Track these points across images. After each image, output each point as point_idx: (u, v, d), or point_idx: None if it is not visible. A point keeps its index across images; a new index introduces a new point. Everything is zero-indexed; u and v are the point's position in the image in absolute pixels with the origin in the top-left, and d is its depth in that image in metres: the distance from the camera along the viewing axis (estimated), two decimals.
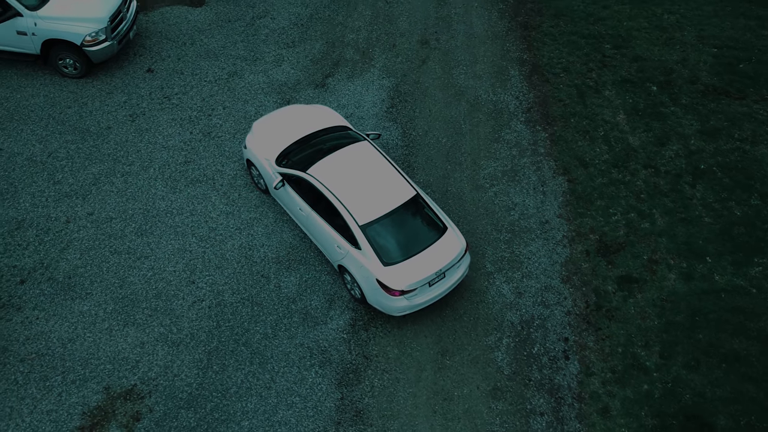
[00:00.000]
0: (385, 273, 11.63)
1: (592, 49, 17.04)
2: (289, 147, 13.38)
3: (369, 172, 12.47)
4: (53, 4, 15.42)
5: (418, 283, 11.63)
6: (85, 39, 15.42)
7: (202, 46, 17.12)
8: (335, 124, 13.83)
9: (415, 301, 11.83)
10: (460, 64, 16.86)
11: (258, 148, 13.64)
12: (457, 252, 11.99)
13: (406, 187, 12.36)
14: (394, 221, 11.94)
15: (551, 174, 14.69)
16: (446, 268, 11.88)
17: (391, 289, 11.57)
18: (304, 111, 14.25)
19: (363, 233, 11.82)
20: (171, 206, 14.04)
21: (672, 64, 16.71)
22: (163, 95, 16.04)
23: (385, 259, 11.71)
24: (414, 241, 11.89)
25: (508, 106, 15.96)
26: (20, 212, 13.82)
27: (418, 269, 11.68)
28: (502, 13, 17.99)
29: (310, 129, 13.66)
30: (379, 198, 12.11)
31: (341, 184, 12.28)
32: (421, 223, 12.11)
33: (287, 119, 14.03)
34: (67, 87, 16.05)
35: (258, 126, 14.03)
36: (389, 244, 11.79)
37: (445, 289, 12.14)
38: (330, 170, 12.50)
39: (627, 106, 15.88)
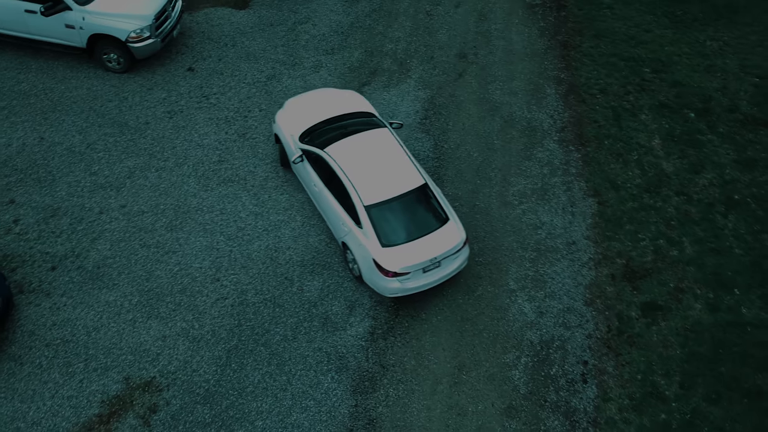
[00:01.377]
0: (382, 254, 12.02)
1: (631, 72, 16.92)
2: (314, 126, 13.81)
3: (383, 157, 12.83)
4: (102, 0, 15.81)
5: (412, 267, 11.97)
6: (130, 35, 15.78)
7: (243, 48, 17.39)
8: (361, 110, 14.17)
9: (408, 284, 12.17)
10: (496, 79, 16.87)
11: (286, 123, 14.15)
12: (455, 243, 12.24)
13: (415, 175, 12.67)
14: (398, 206, 12.32)
15: (581, 195, 14.60)
16: (442, 257, 12.16)
17: (385, 269, 11.96)
18: (334, 94, 14.71)
19: (367, 213, 12.22)
20: (202, 204, 14.26)
21: (711, 92, 16.51)
22: (202, 94, 16.32)
23: (384, 241, 12.10)
24: (414, 228, 12.24)
25: (542, 125, 15.91)
26: (56, 200, 14.16)
27: (413, 254, 12.02)
28: (543, 31, 17.96)
29: (336, 112, 14.06)
30: (387, 182, 12.48)
31: (354, 166, 12.68)
32: (424, 212, 12.43)
33: (318, 100, 14.49)
34: (110, 81, 16.42)
35: (290, 103, 14.56)
36: (390, 226, 12.18)
37: (440, 278, 12.40)
38: (346, 151, 12.89)
39: (663, 131, 15.73)
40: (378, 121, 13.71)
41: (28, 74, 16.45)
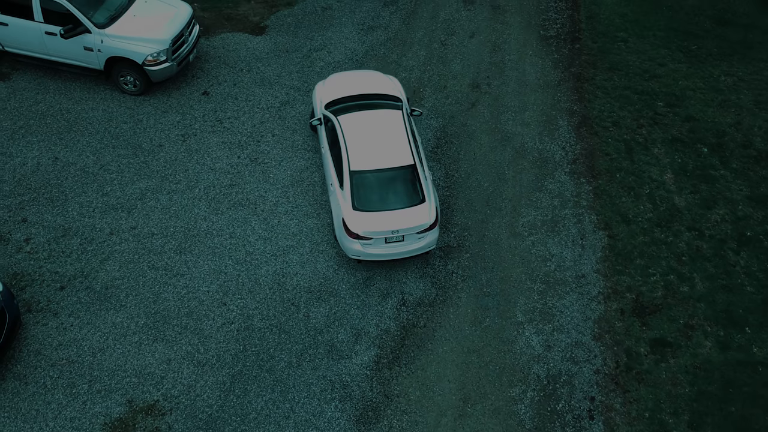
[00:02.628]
0: (351, 215, 12.97)
1: (644, 106, 16.90)
2: (341, 98, 14.88)
3: (384, 134, 13.73)
4: (121, 23, 16.04)
5: (373, 233, 12.83)
6: (147, 59, 15.97)
7: (258, 74, 17.55)
8: (390, 93, 15.05)
9: (368, 250, 13.03)
10: (509, 110, 16.90)
11: (321, 92, 15.36)
12: (420, 223, 12.95)
13: (407, 155, 13.44)
14: (380, 178, 13.20)
15: (592, 228, 14.52)
16: (405, 232, 12.91)
17: (350, 230, 12.90)
18: (373, 76, 15.67)
19: (350, 177, 13.19)
20: (212, 227, 14.31)
21: (725, 127, 16.44)
22: (216, 118, 16.46)
23: (357, 205, 13.03)
24: (388, 200, 13.10)
25: (554, 156, 15.89)
26: (68, 220, 14.26)
27: (378, 222, 12.87)
28: (556, 63, 18.01)
29: (366, 90, 15.06)
30: (379, 155, 13.37)
31: (355, 135, 13.69)
32: (403, 189, 13.21)
33: (356, 79, 15.52)
34: (125, 103, 16.60)
35: (332, 77, 15.68)
36: (366, 194, 13.09)
37: (401, 252, 13.12)
38: (354, 123, 13.91)
39: (675, 166, 15.66)
40: (399, 105, 14.51)
41: (46, 95, 16.67)
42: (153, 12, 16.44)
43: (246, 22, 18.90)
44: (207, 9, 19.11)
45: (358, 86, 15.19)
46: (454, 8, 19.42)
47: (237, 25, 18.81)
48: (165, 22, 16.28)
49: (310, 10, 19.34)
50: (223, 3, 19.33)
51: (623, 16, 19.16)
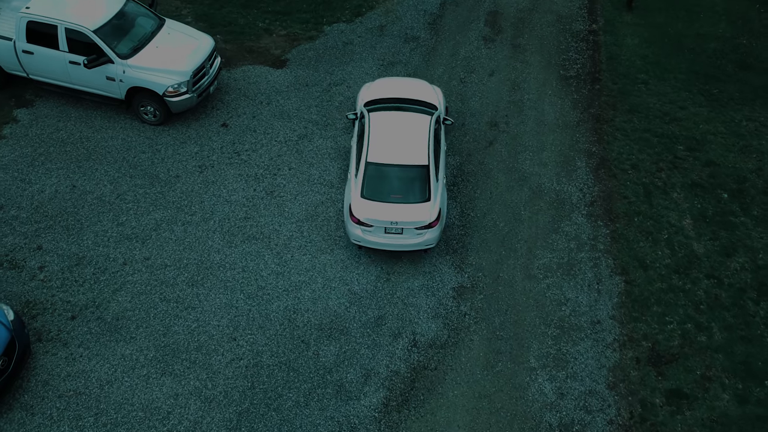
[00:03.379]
0: (357, 202, 13.79)
1: (664, 149, 16.75)
2: (381, 99, 15.72)
3: (407, 134, 14.46)
4: (143, 54, 16.23)
5: (374, 221, 13.58)
6: (167, 90, 16.11)
7: (277, 107, 17.64)
8: (427, 100, 15.78)
9: (368, 237, 13.81)
10: (527, 149, 16.82)
11: (366, 92, 16.29)
12: (419, 220, 13.61)
13: (423, 156, 14.11)
14: (392, 173, 13.94)
15: (608, 272, 14.31)
16: (404, 225, 13.60)
17: (353, 214, 13.70)
18: (416, 84, 16.40)
19: (365, 168, 14.01)
20: (225, 260, 14.28)
21: (746, 173, 16.23)
22: (234, 150, 16.52)
23: (365, 193, 13.84)
24: (395, 193, 13.83)
25: (571, 198, 15.75)
26: (82, 249, 14.30)
27: (380, 212, 13.62)
28: (575, 103, 17.94)
29: (405, 95, 15.83)
30: (396, 152, 14.11)
31: (380, 131, 14.49)
32: (412, 186, 13.90)
33: (400, 83, 16.33)
34: (144, 133, 16.73)
35: (379, 80, 16.62)
36: (376, 184, 13.86)
37: (399, 245, 13.81)
38: (383, 120, 14.75)
39: (695, 211, 15.45)
40: (429, 111, 15.23)
41: (68, 122, 16.84)
42: (175, 43, 16.62)
43: (267, 55, 19.06)
44: (229, 41, 19.30)
45: (400, 90, 15.97)
46: (474, 46, 19.47)
47: (258, 57, 18.97)
48: (187, 53, 16.45)
49: (332, 44, 19.47)
50: (245, 35, 19.52)
51: (644, 57, 19.10)
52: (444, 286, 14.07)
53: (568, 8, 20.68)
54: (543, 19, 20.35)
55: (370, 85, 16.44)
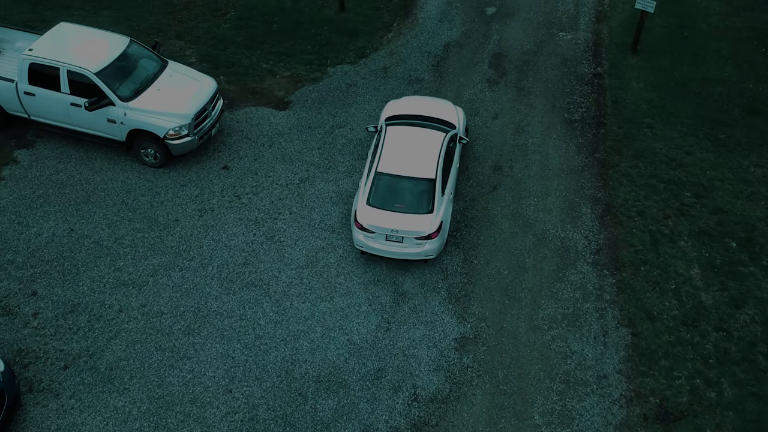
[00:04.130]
0: (362, 208, 14.42)
1: (670, 196, 16.49)
2: (402, 115, 16.40)
3: (420, 148, 15.05)
4: (145, 96, 16.14)
5: (375, 228, 14.16)
6: (168, 132, 15.99)
7: (279, 149, 17.49)
8: (447, 119, 16.42)
9: (370, 243, 14.39)
10: (531, 194, 16.58)
11: (390, 108, 16.96)
12: (418, 230, 14.10)
13: (431, 170, 14.67)
14: (399, 183, 14.53)
15: (615, 324, 13.97)
16: (404, 234, 14.11)
17: (357, 220, 14.30)
18: (439, 103, 17.07)
19: (374, 177, 14.64)
20: (222, 308, 14.00)
21: (755, 221, 15.94)
22: (234, 194, 16.33)
23: (371, 200, 14.45)
24: (399, 203, 14.37)
25: (576, 245, 15.46)
26: (77, 295, 14.05)
27: (383, 219, 14.19)
28: (580, 148, 17.74)
29: (426, 113, 16.49)
30: (405, 164, 14.72)
31: (394, 144, 15.16)
32: (416, 197, 14.43)
33: (424, 102, 17.04)
34: (145, 175, 16.57)
35: (405, 98, 17.34)
36: (382, 193, 14.46)
37: (399, 253, 14.34)
38: (398, 134, 15.42)
39: (702, 261, 15.13)
40: (444, 128, 15.84)
41: (68, 164, 16.71)
42: (178, 86, 16.54)
43: (270, 97, 18.97)
44: (232, 82, 19.24)
45: (422, 108, 16.66)
46: (478, 88, 19.36)
47: (261, 99, 18.89)
48: (189, 96, 16.36)
49: (335, 86, 19.39)
50: (248, 76, 19.47)
51: (650, 101, 18.94)
52: (446, 336, 13.74)
53: (573, 51, 20.61)
54: (547, 62, 20.27)
55: (395, 102, 17.11)
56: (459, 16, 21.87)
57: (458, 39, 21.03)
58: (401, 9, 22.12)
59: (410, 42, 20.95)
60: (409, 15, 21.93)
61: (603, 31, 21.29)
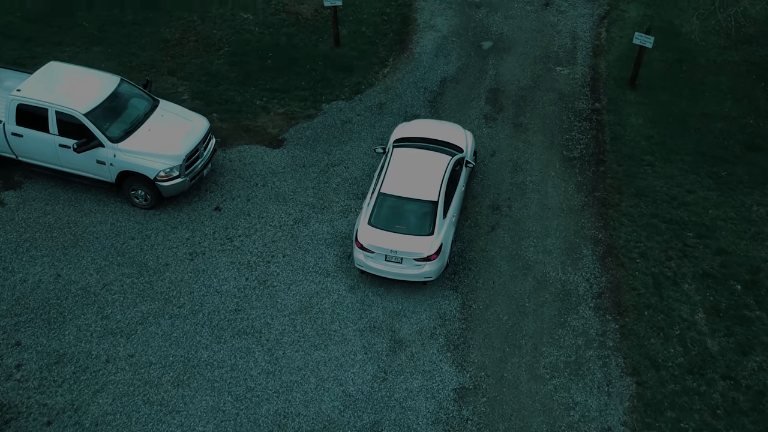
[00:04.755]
0: (363, 228, 14.52)
1: (673, 236, 16.13)
2: (411, 138, 16.51)
3: (424, 170, 15.15)
4: (135, 137, 15.80)
5: (375, 248, 14.23)
6: (159, 174, 15.63)
7: (272, 189, 17.13)
8: (455, 142, 16.45)
9: (369, 262, 14.46)
10: (530, 235, 16.21)
11: (399, 130, 17.04)
12: (417, 251, 14.15)
13: (434, 192, 14.73)
14: (401, 205, 14.62)
15: (619, 373, 13.53)
16: (403, 255, 14.17)
17: (357, 239, 14.40)
18: (448, 126, 17.19)
19: (377, 197, 14.77)
20: (213, 357, 13.54)
21: (759, 262, 15.57)
22: (226, 236, 15.93)
23: (372, 221, 14.53)
24: (400, 224, 14.44)
25: (578, 288, 15.06)
26: (63, 345, 13.59)
27: (383, 240, 14.26)
28: (580, 186, 17.41)
29: (434, 136, 16.54)
30: (408, 186, 14.81)
31: (399, 166, 15.28)
32: (417, 219, 14.50)
33: (433, 125, 17.16)
34: (135, 217, 16.18)
35: (415, 121, 17.49)
36: (384, 214, 14.55)
37: (398, 274, 14.39)
38: (404, 156, 15.54)
39: (707, 304, 14.74)
40: (450, 151, 15.90)
41: (56, 206, 16.32)
42: (169, 126, 16.22)
43: (264, 134, 18.66)
44: (225, 119, 18.93)
45: (431, 131, 16.71)
46: (475, 124, 19.07)
47: (255, 137, 18.56)
48: (180, 136, 16.03)
49: (330, 123, 19.09)
50: (242, 114, 19.17)
51: (649, 138, 18.66)
52: (445, 387, 13.28)
53: (571, 86, 20.37)
54: (545, 98, 20.02)
55: (405, 125, 17.21)
56: (455, 50, 21.67)
57: (454, 74, 20.81)
58: (397, 44, 21.92)
59: (406, 77, 20.71)
60: (404, 50, 21.72)
61: (600, 65, 21.09)
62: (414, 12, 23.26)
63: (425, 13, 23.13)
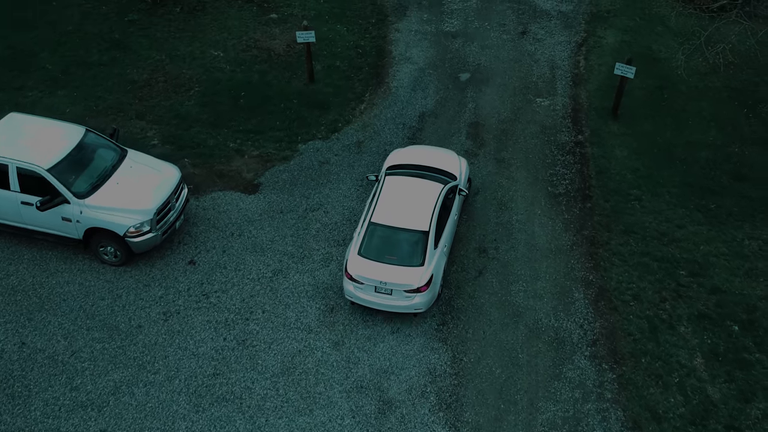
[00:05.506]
0: (353, 258, 14.27)
1: (665, 275, 15.65)
2: (404, 165, 16.18)
3: (416, 199, 14.91)
4: (102, 192, 15.02)
5: (365, 279, 13.99)
6: (129, 230, 14.85)
7: (249, 239, 16.40)
8: (448, 170, 16.13)
9: (359, 293, 14.21)
10: (519, 279, 15.64)
11: (392, 157, 16.72)
12: (408, 283, 13.89)
13: (425, 222, 14.48)
14: (392, 234, 14.38)
15: (619, 427, 12.95)
16: (393, 287, 13.92)
17: (347, 270, 14.12)
18: (442, 153, 16.87)
19: (367, 227, 14.53)
20: (191, 428, 12.74)
21: (755, 300, 15.14)
22: (202, 292, 15.16)
23: (362, 251, 14.29)
24: (390, 255, 14.18)
25: (572, 336, 14.49)
26: (28, 422, 12.70)
27: (372, 271, 14.00)
28: (567, 225, 16.89)
29: (428, 163, 16.22)
30: (399, 215, 14.57)
31: (390, 194, 15.06)
32: (408, 249, 14.25)
33: (427, 152, 16.86)
34: (104, 275, 15.35)
35: (409, 147, 17.22)
36: (374, 244, 14.31)
37: (388, 305, 14.14)
38: (396, 184, 15.31)
39: (705, 348, 14.24)
40: (444, 179, 15.66)
41: (19, 266, 15.44)
42: (138, 178, 15.45)
43: (239, 179, 17.93)
44: (198, 165, 18.18)
45: (424, 158, 16.38)
46: None
47: (229, 182, 17.83)
48: (150, 189, 15.28)
49: (307, 164, 18.43)
50: (215, 158, 18.43)
51: (635, 171, 18.23)
52: None
53: (552, 118, 19.93)
54: (526, 131, 19.55)
55: (399, 151, 16.92)
56: (432, 83, 21.16)
57: (433, 108, 20.28)
58: (372, 78, 21.36)
59: (384, 113, 20.14)
60: (381, 84, 21.17)
61: (581, 95, 20.69)
62: (389, 44, 22.74)
63: (400, 45, 22.62)
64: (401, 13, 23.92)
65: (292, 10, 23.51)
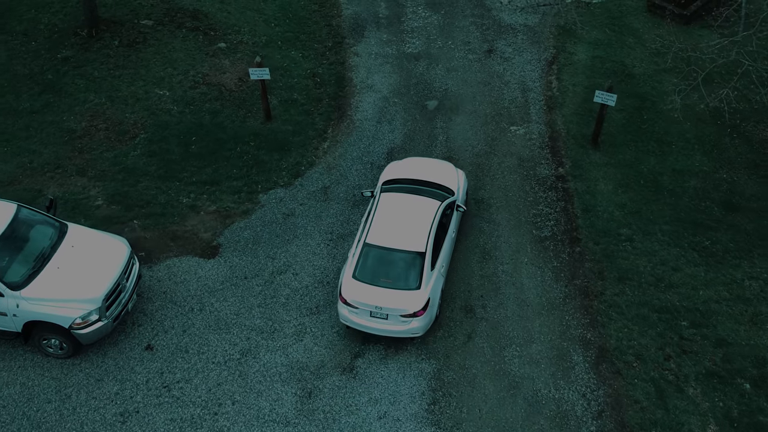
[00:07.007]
0: (347, 281, 13.82)
1: (666, 327, 14.57)
2: (400, 179, 15.69)
3: (411, 218, 14.39)
4: (41, 280, 13.25)
5: (360, 303, 13.53)
6: (75, 321, 13.10)
7: (212, 313, 14.78)
8: (446, 184, 15.63)
9: (354, 318, 13.73)
10: (512, 342, 14.38)
11: (388, 171, 16.23)
12: (404, 308, 13.41)
13: (421, 242, 13.98)
14: (387, 256, 13.91)
15: None
16: (388, 311, 13.44)
17: (341, 293, 13.72)
18: (440, 166, 16.36)
19: (362, 248, 14.05)
20: None
21: (764, 351, 14.16)
22: (162, 383, 13.52)
23: (357, 274, 13.84)
24: (385, 278, 13.73)
25: (575, 408, 13.30)
26: None
27: (367, 295, 13.54)
28: (557, 274, 15.67)
29: (427, 177, 15.69)
30: (395, 236, 14.08)
31: (385, 213, 14.55)
32: (403, 272, 13.79)
33: (424, 165, 16.37)
34: (50, 371, 13.59)
35: (407, 159, 16.79)
36: (369, 266, 13.85)
37: (384, 330, 13.63)
38: (391, 202, 14.82)
39: (717, 412, 13.20)
40: (442, 195, 15.16)
41: None
42: (82, 260, 13.70)
43: (195, 241, 16.24)
44: (148, 227, 16.42)
45: (421, 172, 15.87)
46: None
47: (185, 245, 16.13)
48: (96, 273, 13.55)
49: (270, 218, 16.82)
50: (167, 217, 16.68)
51: (622, 206, 17.09)
52: None
53: (529, 149, 18.67)
54: (503, 164, 18.25)
55: (396, 164, 16.44)
56: (399, 113, 19.70)
57: (402, 142, 18.84)
58: (334, 110, 19.81)
59: (349, 151, 18.62)
60: (343, 117, 19.63)
61: (557, 121, 19.46)
62: (348, 70, 21.17)
63: (361, 71, 21.06)
64: (359, 35, 22.32)
65: (241, 37, 21.71)
